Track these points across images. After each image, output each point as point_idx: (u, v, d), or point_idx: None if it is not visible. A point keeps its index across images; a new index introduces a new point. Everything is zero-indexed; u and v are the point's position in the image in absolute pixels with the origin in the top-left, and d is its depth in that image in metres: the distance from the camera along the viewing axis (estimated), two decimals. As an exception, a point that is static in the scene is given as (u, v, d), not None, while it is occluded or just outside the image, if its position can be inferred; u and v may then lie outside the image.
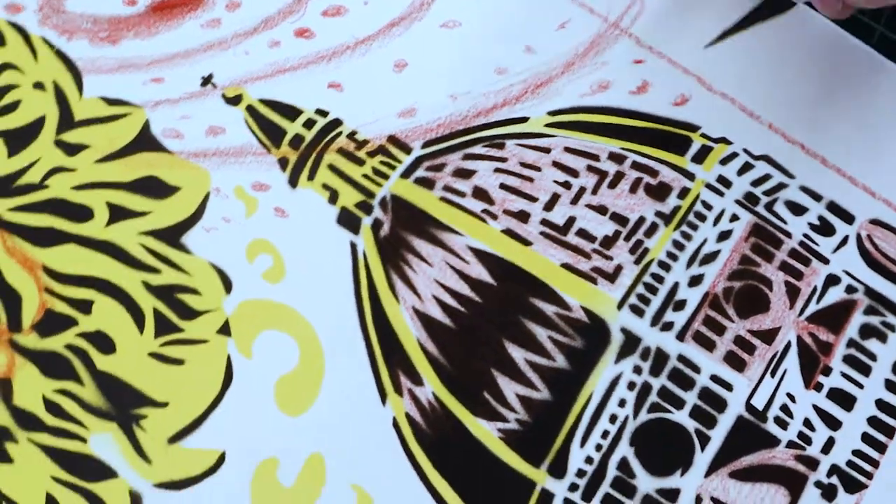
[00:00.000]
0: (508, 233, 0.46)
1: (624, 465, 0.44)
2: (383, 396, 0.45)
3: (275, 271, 0.46)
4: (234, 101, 0.48)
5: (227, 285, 0.46)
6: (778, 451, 0.44)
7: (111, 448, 0.44)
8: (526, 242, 0.46)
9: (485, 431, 0.44)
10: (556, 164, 0.47)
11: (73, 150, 0.47)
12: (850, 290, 0.46)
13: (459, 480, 0.44)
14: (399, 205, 0.47)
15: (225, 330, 0.45)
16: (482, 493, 0.44)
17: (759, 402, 0.45)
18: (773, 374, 0.45)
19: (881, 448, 0.44)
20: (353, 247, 0.47)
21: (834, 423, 0.44)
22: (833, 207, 0.48)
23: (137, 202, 0.47)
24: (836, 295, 0.46)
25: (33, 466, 0.44)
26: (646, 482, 0.44)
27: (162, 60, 0.49)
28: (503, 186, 0.47)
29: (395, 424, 0.45)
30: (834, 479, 0.44)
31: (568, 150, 0.48)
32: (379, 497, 0.44)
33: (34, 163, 0.47)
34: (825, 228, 0.47)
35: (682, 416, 0.45)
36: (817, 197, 0.48)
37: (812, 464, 0.44)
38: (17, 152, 0.47)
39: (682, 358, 0.45)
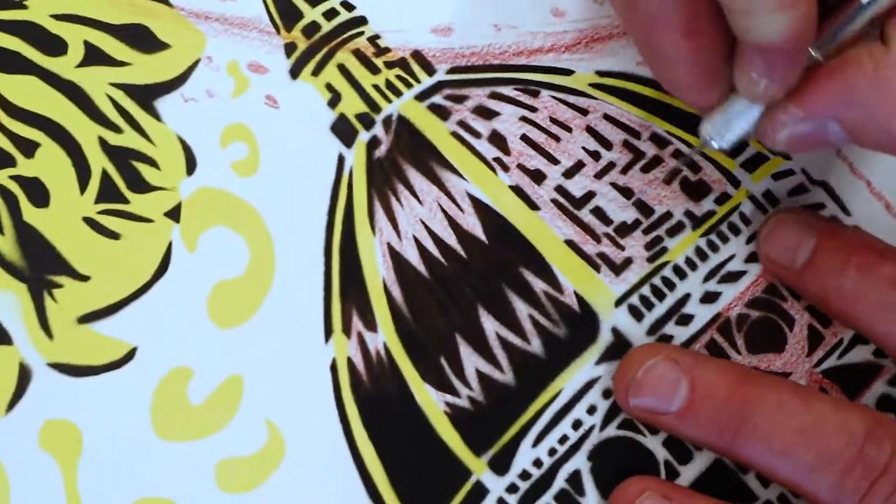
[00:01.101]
0: (517, 190, 0.43)
1: (575, 479, 0.41)
2: (328, 333, 0.43)
3: (247, 164, 0.43)
4: (257, -36, 0.44)
5: (191, 165, 0.43)
6: (752, 510, 0.40)
7: (12, 310, 0.41)
8: (534, 206, 0.43)
9: (430, 400, 0.42)
10: (590, 130, 0.44)
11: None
12: (879, 353, 0.43)
13: (386, 446, 0.42)
14: (404, 128, 0.45)
15: (174, 214, 0.43)
16: (408, 466, 0.41)
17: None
18: (769, 424, 0.40)
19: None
20: (341, 160, 0.44)
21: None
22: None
23: (118, 49, 0.44)
24: (862, 355, 0.43)
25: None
26: (594, 504, 0.40)
27: None
28: (525, 139, 0.44)
29: (333, 367, 0.42)
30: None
31: (607, 117, 0.45)
32: (293, 441, 0.41)
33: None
34: (870, 279, 0.43)
35: (654, 443, 0.42)
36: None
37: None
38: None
39: (672, 378, 0.41)
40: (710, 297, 0.44)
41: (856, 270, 0.40)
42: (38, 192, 0.43)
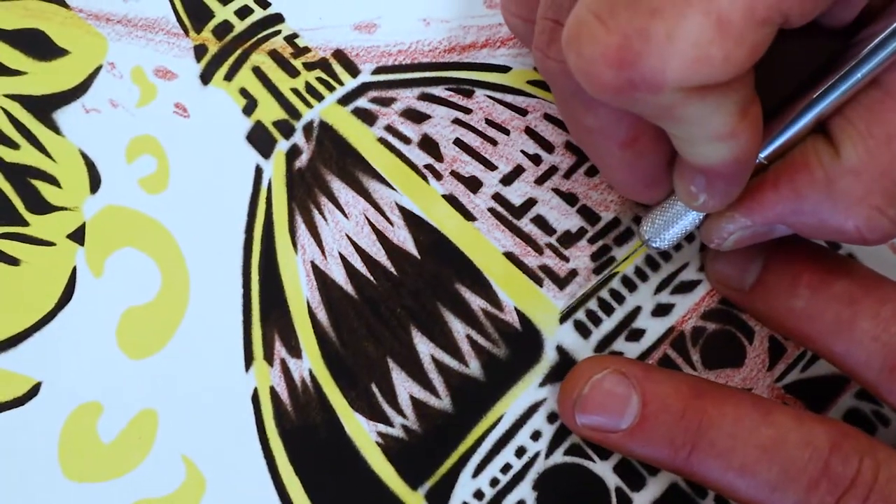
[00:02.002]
0: (451, 200, 0.42)
1: (520, 511, 0.39)
2: (248, 361, 0.41)
3: (156, 179, 0.42)
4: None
5: (95, 183, 0.42)
6: (709, 539, 0.39)
7: None
8: (469, 216, 0.42)
9: (361, 431, 0.41)
10: (530, 132, 0.43)
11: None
12: (845, 366, 0.41)
13: (314, 481, 0.40)
14: (327, 135, 0.43)
15: (78, 236, 0.42)
16: (338, 503, 0.40)
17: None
18: (727, 445, 0.40)
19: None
20: (259, 172, 0.43)
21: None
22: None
23: (12, 57, 0.43)
24: (827, 367, 0.42)
25: None
26: (540, 539, 0.39)
27: None
28: (458, 143, 0.43)
29: (255, 397, 0.41)
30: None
31: (548, 117, 0.44)
32: (213, 478, 0.40)
33: None
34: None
35: (604, 469, 0.41)
36: (836, 246, 0.43)
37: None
38: None
39: (622, 398, 0.40)
40: (662, 310, 0.43)
41: (808, 289, 0.39)
42: (-71, 216, 0.41)
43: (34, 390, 0.41)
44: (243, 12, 0.44)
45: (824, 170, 0.35)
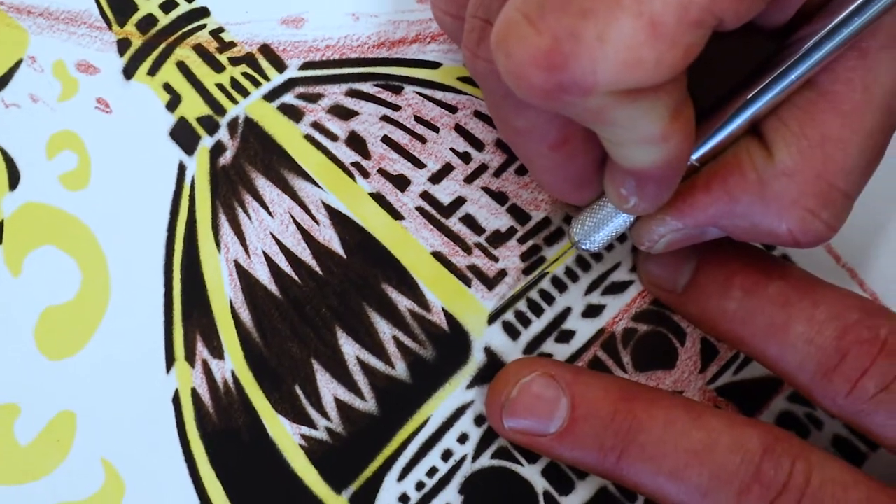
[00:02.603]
0: (378, 198, 0.42)
1: (446, 515, 0.39)
2: (170, 362, 0.42)
3: (76, 176, 0.42)
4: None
5: (14, 179, 0.42)
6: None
7: None
8: (397, 215, 0.42)
9: (284, 434, 0.41)
10: (459, 129, 0.43)
11: None
12: (779, 367, 0.41)
13: (236, 485, 0.41)
14: (252, 131, 0.43)
15: (-5, 233, 0.41)
16: (260, 508, 0.39)
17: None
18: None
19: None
20: (182, 169, 0.43)
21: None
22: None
23: (-71, 51, 0.42)
24: (760, 369, 0.42)
25: None
26: (466, 543, 0.39)
27: None
28: (387, 140, 0.43)
29: (176, 399, 0.41)
30: None
31: (478, 114, 0.44)
32: (132, 482, 0.40)
33: None
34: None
35: (532, 472, 0.41)
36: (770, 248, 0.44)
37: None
38: None
39: (550, 401, 0.40)
40: (592, 311, 0.43)
41: (741, 291, 0.39)
42: None
43: (-51, 391, 0.40)
44: (168, 6, 0.44)
45: (757, 172, 0.36)
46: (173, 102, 0.44)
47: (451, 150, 0.44)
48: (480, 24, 0.34)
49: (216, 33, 0.44)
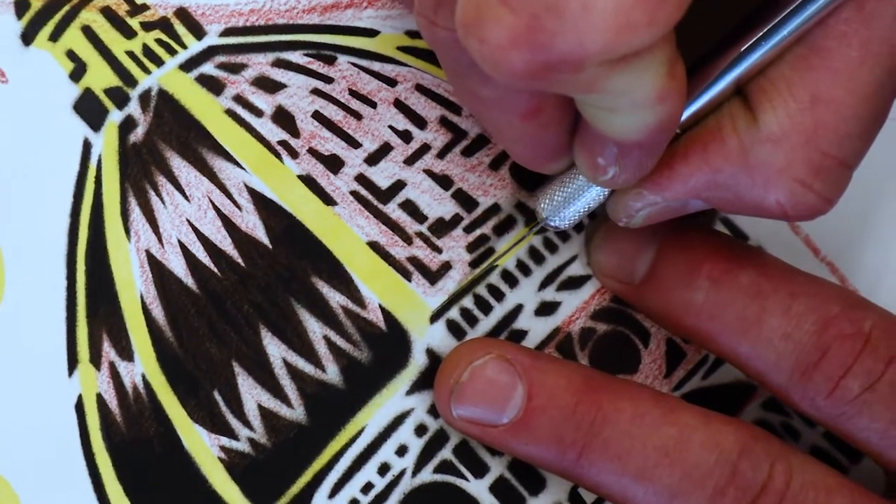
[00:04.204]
0: (307, 181, 0.42)
1: (382, 537, 0.39)
2: (72, 364, 0.41)
3: (-33, 153, 0.41)
4: None
5: None
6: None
7: None
8: (329, 200, 0.42)
9: (202, 445, 0.40)
10: (399, 105, 0.43)
11: None
12: (752, 369, 0.41)
13: (146, 502, 0.40)
14: (166, 105, 0.43)
15: None
16: (173, 528, 0.38)
17: (588, 493, 0.41)
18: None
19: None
20: (87, 147, 0.42)
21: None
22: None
23: None
24: (731, 374, 0.42)
25: None
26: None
27: None
28: (318, 116, 0.43)
29: (79, 406, 0.41)
30: None
31: (421, 88, 0.44)
32: (28, 499, 0.40)
33: None
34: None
35: (479, 488, 0.41)
36: (743, 238, 0.44)
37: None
38: None
39: (499, 408, 0.40)
40: (547, 309, 0.43)
41: (708, 281, 0.39)
42: None
43: None
44: (72, -37, 0.43)
45: (739, 138, 0.35)
46: (78, 72, 0.44)
47: (390, 128, 0.44)
48: None
49: (127, -6, 0.43)
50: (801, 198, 0.35)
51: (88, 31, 0.44)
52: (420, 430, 0.41)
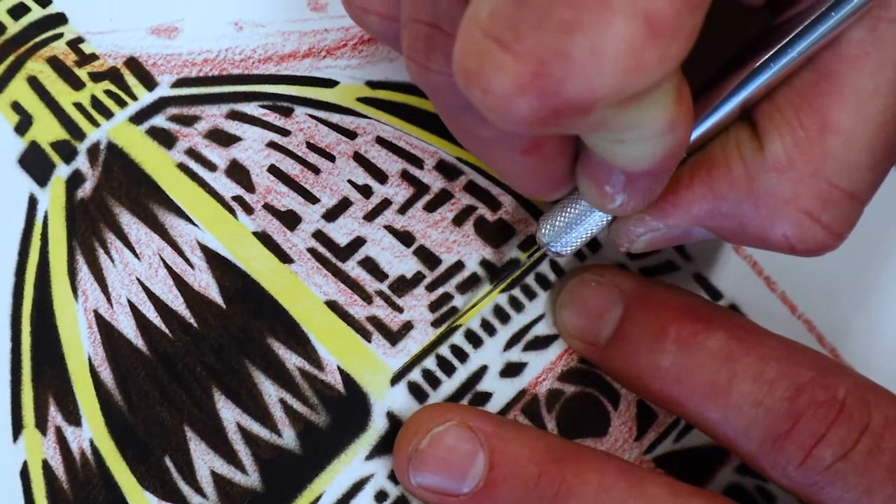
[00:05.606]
0: (263, 238, 0.43)
1: None
2: (17, 429, 0.41)
3: None
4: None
5: None
6: None
7: None
8: (285, 258, 0.42)
9: (152, 514, 0.39)
10: (359, 159, 0.44)
11: None
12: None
13: (94, 578, 0.38)
14: (116, 159, 0.43)
15: None
16: None
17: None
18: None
19: None
20: (33, 203, 0.43)
21: None
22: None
23: None
24: (705, 437, 0.42)
25: None
26: None
27: None
28: (274, 170, 0.43)
29: (24, 473, 0.41)
30: None
31: (381, 141, 0.44)
32: None
33: None
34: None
35: (441, 557, 0.39)
36: (716, 296, 0.44)
37: None
38: None
39: (463, 474, 0.40)
40: (512, 370, 0.43)
41: (676, 344, 0.39)
42: None
43: None
44: (18, 11, 0.44)
45: (745, 166, 0.36)
46: (23, 124, 0.44)
47: (349, 182, 0.44)
48: (426, 30, 0.33)
49: (75, 44, 0.44)
50: (808, 231, 0.35)
51: (34, 82, 0.44)
52: (380, 496, 0.41)
